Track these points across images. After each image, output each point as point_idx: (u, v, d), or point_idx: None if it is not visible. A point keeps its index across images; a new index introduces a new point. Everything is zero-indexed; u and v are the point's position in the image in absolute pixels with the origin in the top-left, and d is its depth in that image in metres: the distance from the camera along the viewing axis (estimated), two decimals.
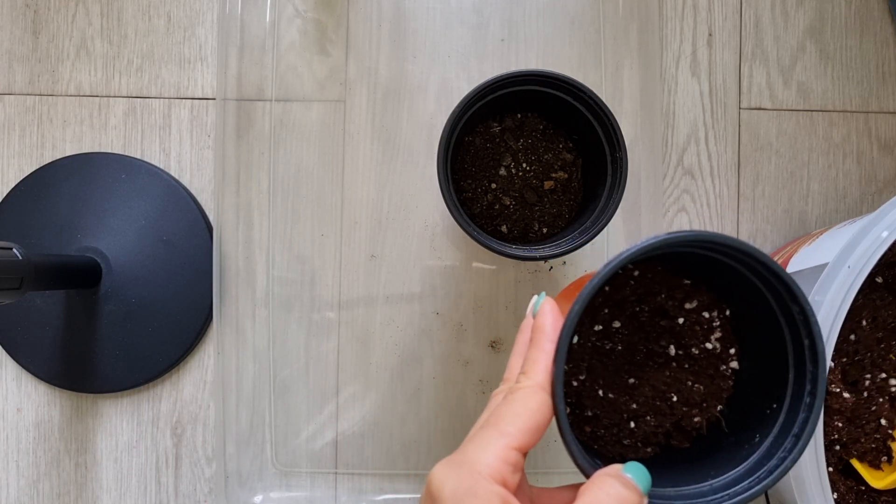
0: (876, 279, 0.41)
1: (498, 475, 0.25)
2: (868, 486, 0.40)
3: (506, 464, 0.25)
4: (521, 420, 0.26)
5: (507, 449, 0.25)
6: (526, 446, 0.26)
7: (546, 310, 0.29)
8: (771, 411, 0.30)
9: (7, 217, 0.51)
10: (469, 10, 0.51)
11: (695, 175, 0.52)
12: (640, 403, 0.32)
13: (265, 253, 0.51)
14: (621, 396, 0.32)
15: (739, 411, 0.32)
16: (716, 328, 0.33)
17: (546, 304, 0.29)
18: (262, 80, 0.51)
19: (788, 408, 0.29)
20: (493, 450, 0.25)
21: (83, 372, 0.51)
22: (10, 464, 0.52)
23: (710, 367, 0.33)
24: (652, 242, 0.28)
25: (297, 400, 0.50)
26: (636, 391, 0.33)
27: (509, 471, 0.25)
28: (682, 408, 0.32)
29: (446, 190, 0.41)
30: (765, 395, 0.31)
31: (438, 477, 0.25)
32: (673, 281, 0.33)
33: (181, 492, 0.52)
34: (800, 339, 0.29)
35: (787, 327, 0.29)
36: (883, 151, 0.53)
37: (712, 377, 0.33)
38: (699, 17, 0.53)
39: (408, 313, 0.51)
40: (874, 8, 0.53)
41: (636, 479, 0.26)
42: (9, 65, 0.53)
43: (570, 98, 0.43)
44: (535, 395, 0.27)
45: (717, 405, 0.33)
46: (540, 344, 0.28)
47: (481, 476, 0.24)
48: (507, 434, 0.25)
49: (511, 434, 0.25)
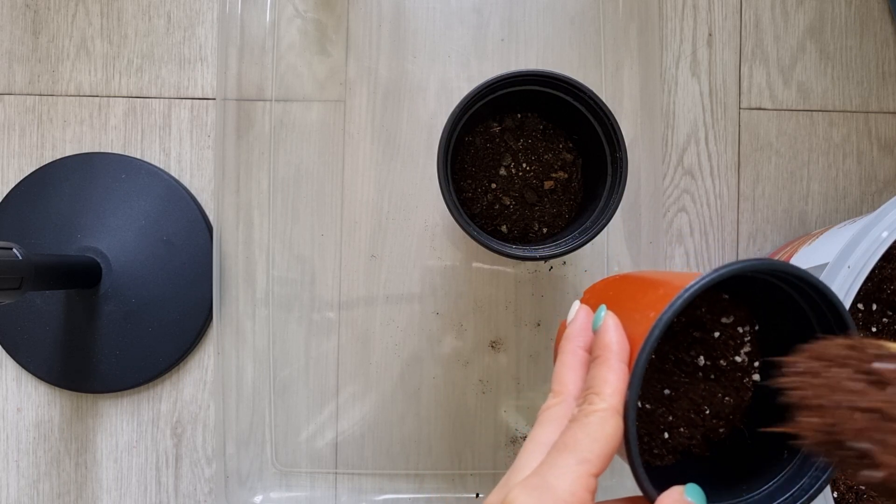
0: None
1: (581, 503, 0.24)
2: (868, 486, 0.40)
3: (587, 492, 0.25)
4: (599, 445, 0.25)
5: (588, 476, 0.25)
6: (602, 472, 0.25)
7: (610, 325, 0.28)
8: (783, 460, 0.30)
9: (7, 217, 0.51)
10: (469, 10, 0.51)
11: (695, 175, 0.52)
12: (676, 416, 0.32)
13: (265, 253, 0.51)
14: (658, 408, 0.32)
15: (758, 421, 0.33)
16: (746, 342, 0.33)
17: (609, 318, 0.28)
18: (262, 80, 0.51)
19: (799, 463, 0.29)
20: (574, 476, 0.24)
21: (83, 372, 0.51)
22: (10, 464, 0.52)
23: (736, 380, 0.33)
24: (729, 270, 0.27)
25: (297, 400, 0.50)
26: (673, 403, 0.32)
27: (589, 498, 0.25)
28: (712, 420, 0.33)
29: (446, 190, 0.41)
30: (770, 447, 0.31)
31: (519, 498, 0.24)
32: (714, 296, 0.33)
33: (181, 492, 0.52)
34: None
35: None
36: (883, 151, 0.53)
37: (738, 389, 0.33)
38: (699, 17, 0.53)
39: (408, 313, 0.51)
40: (874, 8, 0.53)
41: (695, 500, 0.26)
42: (9, 65, 0.53)
43: (570, 98, 0.43)
44: (611, 419, 0.26)
45: (740, 416, 0.33)
46: (609, 363, 0.27)
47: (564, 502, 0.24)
48: (587, 461, 0.25)
49: (590, 461, 0.25)
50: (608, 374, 0.26)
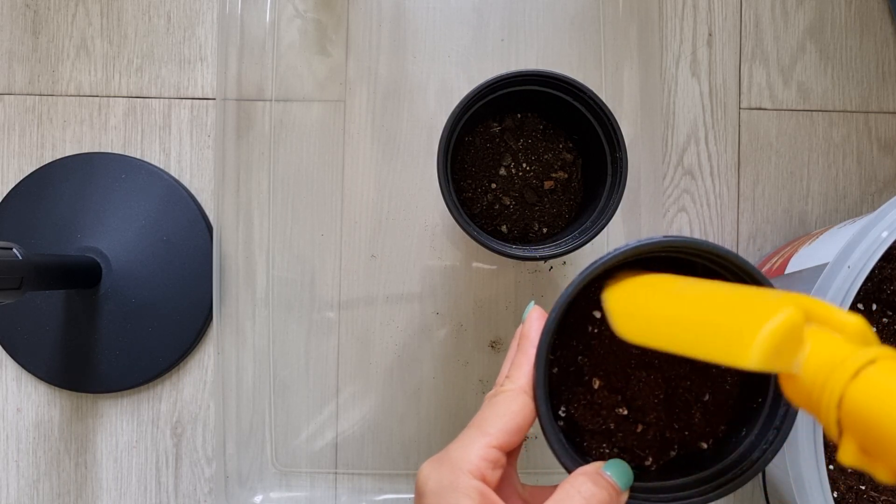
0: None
1: (477, 471, 0.26)
2: (868, 486, 0.40)
3: (486, 461, 0.27)
4: (503, 421, 0.28)
5: (488, 448, 0.27)
6: (507, 445, 0.27)
7: (532, 317, 0.30)
8: (756, 405, 0.31)
9: (7, 217, 0.51)
10: (469, 10, 0.51)
11: (695, 175, 0.52)
12: (647, 408, 0.32)
13: (265, 253, 0.51)
14: (630, 400, 0.32)
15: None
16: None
17: (533, 311, 0.30)
18: (262, 80, 0.51)
19: (771, 402, 0.30)
20: (474, 448, 0.27)
21: (83, 372, 0.51)
22: (10, 464, 0.52)
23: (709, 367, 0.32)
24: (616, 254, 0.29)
25: (297, 400, 0.50)
26: (645, 395, 0.32)
27: (489, 467, 0.27)
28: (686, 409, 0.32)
29: (446, 190, 0.41)
30: (751, 391, 0.31)
31: (424, 473, 0.27)
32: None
33: (181, 492, 0.52)
34: None
35: None
36: (883, 151, 0.53)
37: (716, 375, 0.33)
38: (699, 17, 0.53)
39: (408, 313, 0.51)
40: (874, 8, 0.53)
41: (615, 476, 0.28)
42: (9, 65, 0.53)
43: (570, 98, 0.43)
44: (516, 397, 0.28)
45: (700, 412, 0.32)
46: (524, 349, 0.29)
47: (462, 472, 0.26)
48: (488, 434, 0.27)
49: (492, 434, 0.27)
50: (521, 359, 0.29)
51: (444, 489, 0.26)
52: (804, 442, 0.33)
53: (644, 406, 0.31)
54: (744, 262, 0.29)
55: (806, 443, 0.33)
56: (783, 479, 0.35)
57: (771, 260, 0.46)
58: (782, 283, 0.42)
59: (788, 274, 0.41)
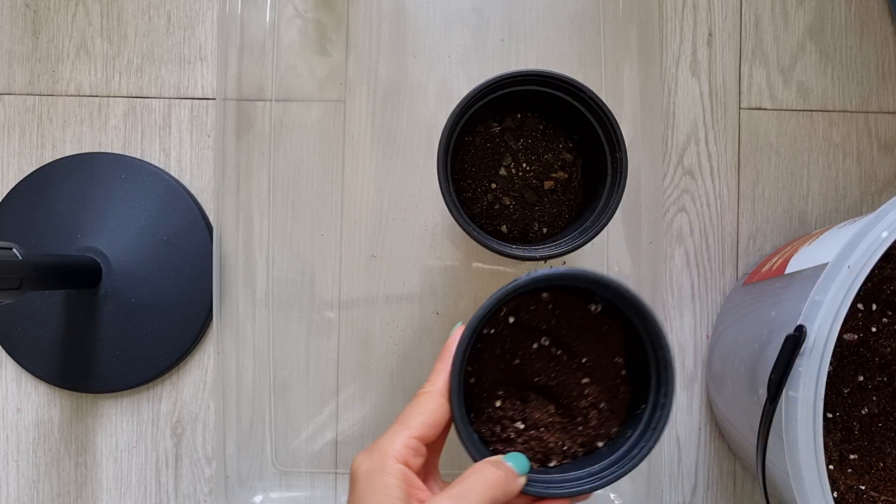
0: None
1: (401, 457, 0.32)
2: (868, 486, 0.40)
3: (408, 448, 0.32)
4: (422, 417, 0.33)
5: (409, 438, 0.32)
6: (425, 437, 0.33)
7: (456, 334, 0.35)
8: (640, 411, 0.36)
9: (7, 217, 0.51)
10: (469, 10, 0.51)
11: (695, 175, 0.52)
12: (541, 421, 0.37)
13: (265, 253, 0.51)
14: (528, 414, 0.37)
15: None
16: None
17: (458, 330, 0.36)
18: (262, 80, 0.51)
19: (651, 408, 0.36)
20: (398, 439, 0.32)
21: (83, 372, 0.51)
22: (10, 464, 0.52)
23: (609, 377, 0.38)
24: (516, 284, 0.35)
25: (297, 400, 0.51)
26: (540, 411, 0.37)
27: (411, 454, 0.32)
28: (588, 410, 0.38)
29: (446, 190, 0.41)
30: (637, 399, 0.37)
31: (357, 461, 0.33)
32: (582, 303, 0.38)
33: (181, 492, 0.52)
34: (656, 351, 0.36)
35: (648, 341, 0.36)
36: (883, 151, 0.53)
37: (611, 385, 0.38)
38: (699, 17, 0.53)
39: (408, 313, 0.51)
40: (874, 8, 0.53)
41: (514, 464, 0.33)
42: (9, 65, 0.53)
43: (570, 98, 0.43)
44: (434, 398, 0.34)
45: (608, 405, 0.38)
46: (444, 359, 0.35)
47: (388, 457, 0.32)
48: (410, 427, 0.33)
49: (412, 427, 0.33)
50: (440, 367, 0.35)
51: (373, 472, 0.31)
52: (804, 442, 0.33)
53: (539, 419, 0.37)
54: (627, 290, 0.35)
55: (806, 443, 0.33)
56: (783, 479, 0.35)
57: (771, 260, 0.46)
58: (782, 283, 0.42)
59: (788, 274, 0.41)
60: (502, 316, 0.37)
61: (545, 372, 0.38)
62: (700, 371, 0.52)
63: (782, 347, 0.34)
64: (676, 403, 0.52)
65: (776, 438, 0.35)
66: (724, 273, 0.52)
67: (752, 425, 0.40)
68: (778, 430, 0.35)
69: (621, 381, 0.38)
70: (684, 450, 0.52)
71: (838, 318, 0.33)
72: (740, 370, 0.43)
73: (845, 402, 0.41)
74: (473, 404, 0.38)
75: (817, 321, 0.33)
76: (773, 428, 0.35)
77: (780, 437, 0.35)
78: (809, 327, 0.34)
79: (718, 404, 0.49)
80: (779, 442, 0.35)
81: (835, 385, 0.41)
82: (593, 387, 0.37)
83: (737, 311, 0.47)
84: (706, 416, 0.52)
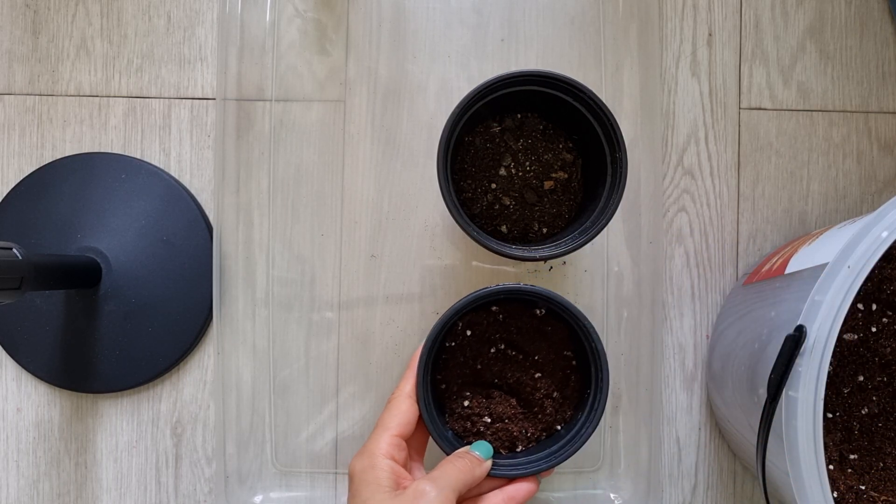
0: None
1: (387, 453, 0.39)
2: (868, 486, 0.40)
3: (392, 446, 0.39)
4: (397, 419, 0.40)
5: (391, 437, 0.40)
6: (404, 434, 0.40)
7: (420, 349, 0.42)
8: (587, 395, 0.43)
9: (7, 217, 0.51)
10: (469, 10, 0.51)
11: (695, 175, 0.52)
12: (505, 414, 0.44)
13: (265, 253, 0.51)
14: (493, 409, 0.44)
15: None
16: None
17: (422, 346, 0.42)
18: (262, 80, 0.51)
19: (594, 392, 0.43)
20: (383, 439, 0.40)
21: (83, 372, 0.51)
22: (10, 464, 0.52)
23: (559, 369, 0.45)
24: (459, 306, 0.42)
25: (297, 400, 0.51)
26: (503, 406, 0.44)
27: (395, 450, 0.39)
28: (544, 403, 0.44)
29: (446, 190, 0.41)
30: (585, 386, 0.44)
31: (352, 463, 0.40)
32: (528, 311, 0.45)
33: (181, 492, 0.52)
34: (589, 343, 0.42)
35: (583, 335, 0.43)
36: (883, 151, 0.53)
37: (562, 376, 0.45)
38: (699, 17, 0.53)
39: (408, 313, 0.51)
40: (874, 8, 0.53)
41: (480, 452, 0.41)
42: (9, 65, 0.53)
43: (570, 98, 0.43)
44: (404, 401, 0.41)
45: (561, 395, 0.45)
46: (412, 366, 0.42)
47: (377, 455, 0.39)
48: (389, 428, 0.40)
49: (392, 427, 0.40)
50: (408, 374, 0.42)
51: (366, 469, 0.38)
52: (804, 442, 0.33)
53: (503, 413, 0.43)
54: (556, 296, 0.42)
55: (806, 443, 0.33)
56: (783, 479, 0.35)
57: (771, 260, 0.46)
58: (782, 283, 0.42)
59: (788, 274, 0.41)
60: (460, 330, 0.45)
61: (504, 372, 0.44)
62: (700, 371, 0.52)
63: (782, 347, 0.34)
64: (677, 403, 0.52)
65: (776, 438, 0.35)
66: (724, 273, 0.52)
67: (752, 425, 0.40)
68: (778, 430, 0.35)
69: (571, 370, 0.45)
70: (684, 450, 0.52)
71: (838, 318, 0.33)
72: (740, 370, 0.43)
73: (845, 402, 0.41)
74: (445, 406, 0.45)
75: (817, 321, 0.33)
76: (773, 428, 0.35)
77: (780, 437, 0.34)
78: (809, 327, 0.34)
79: (718, 404, 0.49)
80: (779, 442, 0.35)
81: (835, 385, 0.41)
82: (545, 380, 0.44)
83: (737, 311, 0.47)
84: (706, 416, 0.52)
